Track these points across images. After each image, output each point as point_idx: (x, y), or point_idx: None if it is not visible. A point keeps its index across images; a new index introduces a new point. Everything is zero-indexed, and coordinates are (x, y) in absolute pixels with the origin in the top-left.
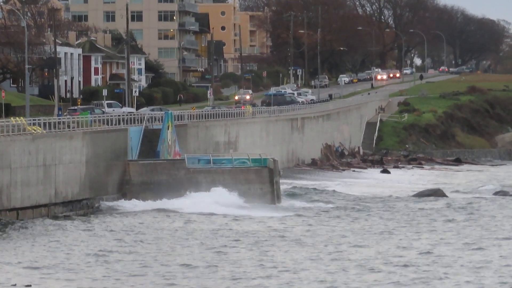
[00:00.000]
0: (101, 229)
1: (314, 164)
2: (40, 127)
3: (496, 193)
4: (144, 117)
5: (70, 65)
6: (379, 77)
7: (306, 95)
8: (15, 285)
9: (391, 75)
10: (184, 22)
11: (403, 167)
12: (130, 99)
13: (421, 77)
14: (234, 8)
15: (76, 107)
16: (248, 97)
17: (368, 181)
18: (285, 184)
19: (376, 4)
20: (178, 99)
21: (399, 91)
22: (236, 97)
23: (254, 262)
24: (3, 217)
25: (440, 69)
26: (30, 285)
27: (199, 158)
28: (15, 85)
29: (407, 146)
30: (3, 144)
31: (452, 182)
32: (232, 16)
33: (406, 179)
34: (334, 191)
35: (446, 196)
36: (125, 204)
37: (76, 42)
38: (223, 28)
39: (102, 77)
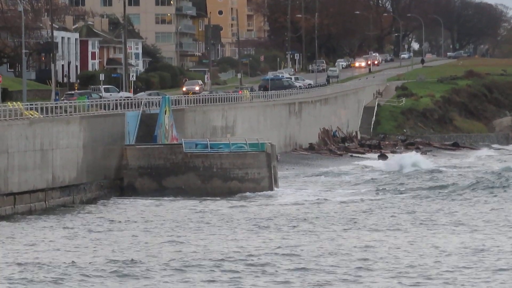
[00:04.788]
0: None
1: (312, 149)
2: (37, 111)
3: None
4: (141, 102)
5: (67, 50)
6: (357, 64)
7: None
8: None
9: (369, 62)
10: (181, 7)
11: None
12: (127, 84)
13: (423, 62)
14: None
15: (73, 92)
16: (197, 88)
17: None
18: None
19: None
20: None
21: (396, 75)
22: (184, 88)
23: None
24: (0, 202)
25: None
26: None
27: (197, 142)
28: (12, 70)
29: (404, 130)
30: (0, 128)
31: None
32: (230, 0)
33: None
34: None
35: None
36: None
37: (73, 27)
38: (220, 12)
39: (99, 61)
